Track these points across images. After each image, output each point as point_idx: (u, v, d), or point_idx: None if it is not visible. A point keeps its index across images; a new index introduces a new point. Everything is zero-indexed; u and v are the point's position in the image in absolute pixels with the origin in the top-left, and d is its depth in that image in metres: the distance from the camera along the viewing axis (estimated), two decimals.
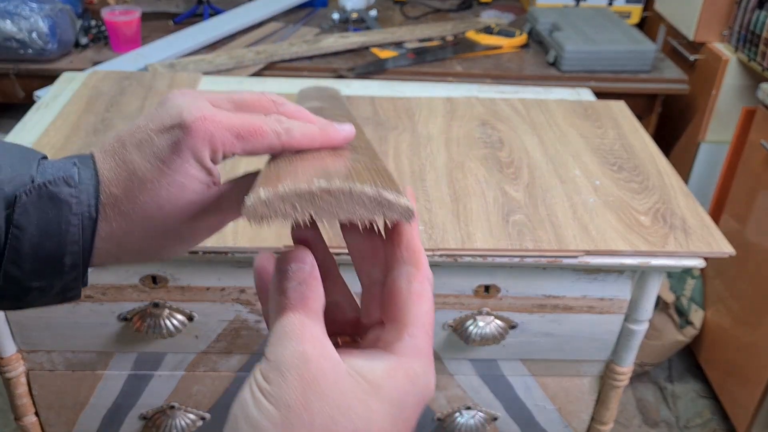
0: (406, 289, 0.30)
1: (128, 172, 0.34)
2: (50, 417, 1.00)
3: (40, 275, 0.33)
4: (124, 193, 0.34)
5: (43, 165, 0.34)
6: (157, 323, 0.88)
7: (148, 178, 0.33)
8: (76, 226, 0.33)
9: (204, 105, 0.34)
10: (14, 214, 0.32)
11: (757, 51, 1.49)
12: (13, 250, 0.32)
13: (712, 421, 1.63)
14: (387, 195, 0.29)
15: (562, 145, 1.03)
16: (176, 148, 0.33)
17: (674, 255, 0.83)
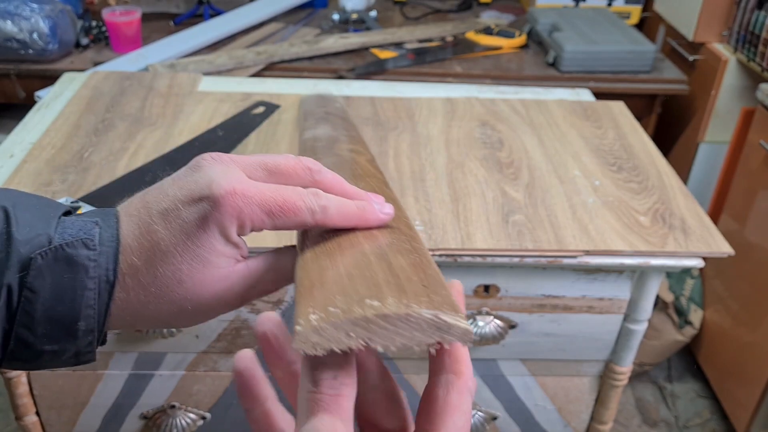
0: (443, 398, 0.29)
1: (151, 243, 0.32)
2: (51, 417, 1.00)
3: (53, 339, 0.32)
4: (144, 264, 0.32)
5: (63, 223, 0.32)
6: None
7: (171, 251, 0.32)
8: (92, 290, 0.31)
9: (235, 176, 0.32)
10: (28, 277, 0.30)
11: (756, 51, 1.49)
12: (25, 314, 0.31)
13: (712, 421, 1.64)
14: (446, 318, 0.27)
15: (561, 146, 1.03)
16: (203, 223, 0.32)
17: (673, 255, 0.83)
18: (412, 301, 0.27)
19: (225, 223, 0.32)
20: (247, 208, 0.32)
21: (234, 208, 0.32)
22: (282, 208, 0.32)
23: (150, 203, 0.33)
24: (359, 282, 0.29)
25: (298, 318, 0.27)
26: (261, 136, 1.02)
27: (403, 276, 0.30)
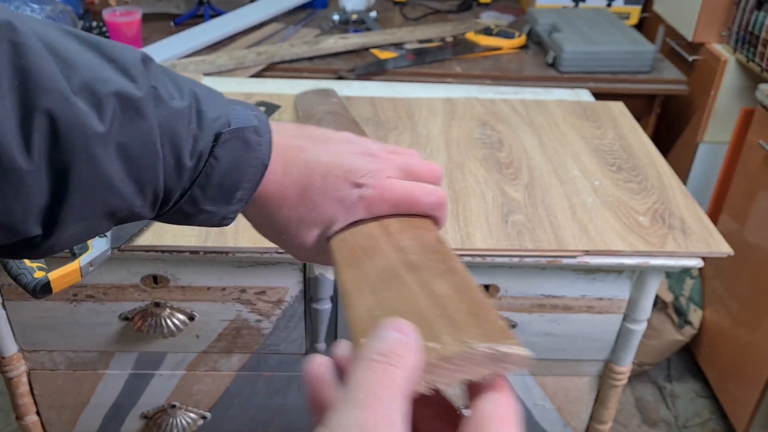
0: (490, 412, 0.27)
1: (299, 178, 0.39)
2: (51, 416, 1.00)
3: (215, 201, 0.38)
4: (289, 184, 0.39)
5: (235, 110, 0.38)
6: (158, 323, 0.88)
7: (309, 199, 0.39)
8: (255, 168, 0.38)
9: (389, 174, 0.40)
10: (216, 147, 0.36)
11: (755, 52, 1.50)
12: (205, 176, 0.37)
13: (711, 421, 1.64)
14: (503, 349, 0.27)
15: (561, 146, 1.03)
16: (348, 201, 0.39)
17: (673, 255, 0.83)
18: (466, 337, 0.27)
19: (359, 212, 0.39)
20: (381, 205, 0.39)
21: (374, 202, 0.39)
22: (407, 204, 0.40)
23: (315, 149, 0.40)
24: (411, 320, 0.28)
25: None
26: None
27: (451, 306, 0.30)
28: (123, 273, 0.86)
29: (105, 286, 0.88)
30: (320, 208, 0.39)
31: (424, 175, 0.42)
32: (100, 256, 0.76)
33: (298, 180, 0.39)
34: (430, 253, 0.36)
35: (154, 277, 0.87)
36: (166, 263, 0.86)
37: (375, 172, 0.39)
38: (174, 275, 0.87)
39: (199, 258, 0.83)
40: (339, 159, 0.39)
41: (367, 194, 0.39)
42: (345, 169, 0.39)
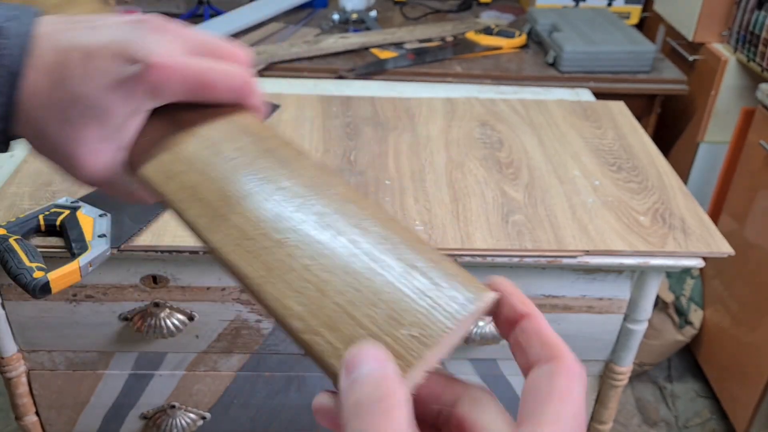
0: (547, 387, 0.25)
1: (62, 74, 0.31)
2: (51, 416, 1.00)
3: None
4: (50, 87, 0.31)
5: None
6: (157, 323, 0.88)
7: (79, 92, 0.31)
8: (2, 78, 0.31)
9: (173, 48, 0.32)
10: None
11: (756, 51, 1.49)
12: None
13: (711, 421, 1.64)
14: (478, 306, 0.27)
15: (561, 146, 1.03)
16: (124, 84, 0.31)
17: (673, 255, 0.83)
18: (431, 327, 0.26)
19: (141, 98, 0.31)
20: (168, 87, 0.31)
21: (158, 83, 0.31)
22: (201, 86, 0.32)
23: (76, 32, 0.32)
24: (356, 322, 0.27)
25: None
26: None
27: (392, 277, 0.28)
28: (122, 273, 0.86)
29: (104, 286, 0.88)
30: (88, 100, 0.31)
31: (225, 54, 0.34)
32: (99, 256, 0.76)
33: (53, 73, 0.31)
34: (299, 170, 0.32)
35: (154, 277, 0.87)
36: (165, 263, 0.85)
37: (155, 44, 0.31)
38: (174, 275, 0.87)
39: (198, 258, 0.83)
40: (105, 34, 0.31)
41: (147, 72, 0.30)
42: (115, 45, 0.31)
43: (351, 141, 1.02)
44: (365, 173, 0.94)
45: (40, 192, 0.87)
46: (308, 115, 1.08)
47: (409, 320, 0.26)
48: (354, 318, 0.26)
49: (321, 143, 1.01)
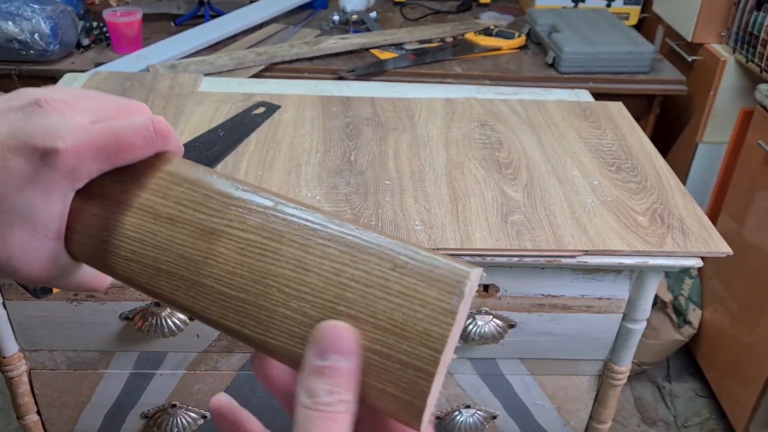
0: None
1: None
2: (52, 416, 1.00)
3: None
4: None
5: None
6: (158, 322, 0.89)
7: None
8: None
9: (75, 126, 0.30)
10: None
11: (755, 52, 1.50)
12: None
13: (710, 420, 1.64)
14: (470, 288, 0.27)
15: (560, 146, 1.03)
16: (34, 178, 0.29)
17: (672, 255, 0.83)
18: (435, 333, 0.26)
19: (59, 184, 0.29)
20: (83, 162, 0.29)
21: (71, 162, 0.29)
22: (115, 146, 0.30)
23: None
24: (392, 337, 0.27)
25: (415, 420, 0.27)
26: (261, 137, 1.02)
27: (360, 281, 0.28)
28: None
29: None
30: (5, 204, 0.29)
31: (125, 109, 0.32)
32: None
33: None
34: (248, 209, 0.31)
35: None
36: None
37: (57, 126, 0.29)
38: None
39: None
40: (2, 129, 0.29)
41: (59, 160, 0.28)
42: (15, 140, 0.29)
43: (351, 141, 1.02)
44: (365, 173, 0.94)
45: None
46: (308, 116, 1.09)
47: (413, 330, 0.27)
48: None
49: (321, 143, 1.01)
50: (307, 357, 0.27)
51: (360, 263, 0.28)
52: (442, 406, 1.01)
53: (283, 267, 0.29)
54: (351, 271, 0.28)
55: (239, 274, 0.29)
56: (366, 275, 0.28)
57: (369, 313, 0.27)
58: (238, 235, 0.30)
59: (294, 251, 0.29)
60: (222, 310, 0.30)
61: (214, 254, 0.30)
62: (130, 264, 0.31)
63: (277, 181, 0.91)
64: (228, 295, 0.29)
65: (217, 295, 0.30)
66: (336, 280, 0.28)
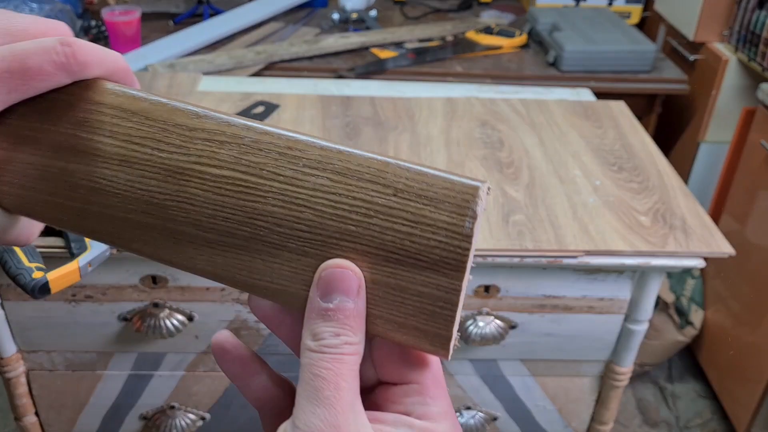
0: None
1: None
2: (50, 417, 1.00)
3: None
4: None
5: None
6: (157, 323, 0.88)
7: None
8: None
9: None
10: None
11: (757, 51, 1.49)
12: None
13: (712, 421, 1.63)
14: (481, 200, 0.25)
15: (562, 146, 1.03)
16: None
17: (674, 255, 0.83)
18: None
19: None
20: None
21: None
22: (22, 71, 0.25)
23: None
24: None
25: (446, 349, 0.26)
26: None
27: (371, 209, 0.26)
28: (122, 273, 0.86)
29: (104, 287, 0.87)
30: None
31: (36, 30, 0.27)
32: (99, 256, 0.76)
33: None
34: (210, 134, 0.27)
35: (153, 277, 0.86)
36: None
37: None
38: (173, 275, 0.86)
39: None
40: None
41: None
42: None
43: (351, 141, 1.01)
44: None
45: None
46: (308, 115, 1.08)
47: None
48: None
49: None
50: (311, 299, 0.26)
51: (357, 192, 0.26)
52: None
53: (271, 204, 0.26)
54: (349, 202, 0.26)
55: (222, 217, 0.26)
56: (366, 205, 0.25)
57: (377, 246, 0.25)
58: (211, 173, 0.26)
59: (280, 185, 0.26)
60: (210, 258, 0.27)
61: (188, 197, 0.27)
62: (87, 219, 0.28)
63: None
64: (213, 242, 0.27)
65: (200, 243, 0.27)
66: (334, 213, 0.26)
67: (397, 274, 0.25)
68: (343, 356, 0.25)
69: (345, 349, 0.25)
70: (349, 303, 0.25)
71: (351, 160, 0.26)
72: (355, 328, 0.26)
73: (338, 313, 0.25)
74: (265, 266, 0.27)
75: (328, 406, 0.24)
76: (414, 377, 0.28)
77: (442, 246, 0.25)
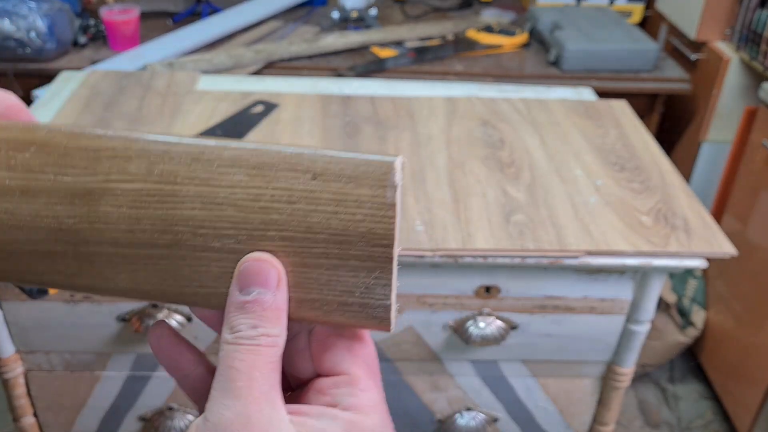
0: (348, 332, 0.28)
1: None
2: (48, 418, 0.99)
3: None
4: None
5: None
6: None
7: None
8: None
9: None
10: None
11: (758, 50, 1.48)
12: None
13: (714, 423, 1.63)
14: (397, 176, 0.26)
15: (563, 145, 1.02)
16: None
17: (676, 255, 0.82)
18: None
19: None
20: None
21: None
22: None
23: None
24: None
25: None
26: (260, 136, 1.01)
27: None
28: None
29: None
30: None
31: None
32: None
33: None
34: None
35: None
36: None
37: None
38: None
39: None
40: None
41: None
42: None
43: (350, 140, 1.01)
44: None
45: None
46: (307, 114, 1.07)
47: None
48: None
49: (320, 142, 1.00)
50: (231, 293, 0.26)
51: (276, 181, 0.26)
52: (442, 409, 1.00)
53: (189, 208, 0.26)
54: (270, 192, 0.26)
55: (141, 230, 0.26)
56: (287, 192, 0.26)
57: (304, 230, 0.26)
58: (122, 188, 0.26)
59: (197, 188, 0.26)
60: (132, 275, 0.26)
61: (100, 217, 0.26)
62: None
63: None
64: (133, 257, 0.26)
65: (120, 261, 0.26)
66: (256, 206, 0.26)
67: (330, 254, 0.26)
68: (259, 347, 0.25)
69: (262, 340, 0.25)
70: (268, 295, 0.25)
71: (266, 154, 0.26)
72: (274, 321, 0.25)
73: (256, 306, 0.25)
74: (192, 271, 0.26)
75: (239, 397, 0.24)
76: (346, 367, 0.27)
77: (368, 218, 0.25)
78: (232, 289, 0.26)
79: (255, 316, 0.25)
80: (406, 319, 0.90)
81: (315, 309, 0.26)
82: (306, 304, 0.26)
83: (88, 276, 0.27)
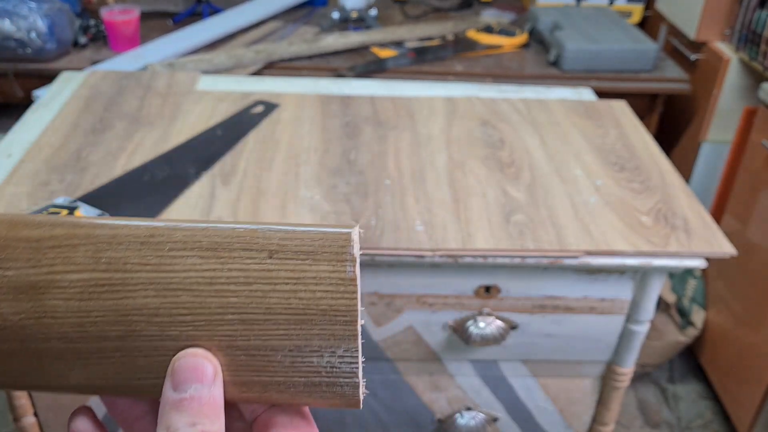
0: (290, 410, 0.27)
1: None
2: (49, 418, 0.99)
3: None
4: None
5: None
6: None
7: None
8: None
9: None
10: None
11: (758, 50, 1.48)
12: None
13: (714, 423, 1.63)
14: (355, 249, 0.25)
15: (563, 145, 1.02)
16: None
17: (676, 255, 0.82)
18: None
19: None
20: None
21: None
22: None
23: None
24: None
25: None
26: (260, 136, 1.01)
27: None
28: None
29: None
30: None
31: None
32: None
33: None
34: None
35: None
36: None
37: None
38: None
39: None
40: None
41: None
42: None
43: (350, 140, 1.01)
44: (365, 173, 0.93)
45: (38, 192, 0.87)
46: (307, 115, 1.07)
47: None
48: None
49: (320, 143, 1.00)
50: (165, 391, 0.25)
51: (231, 262, 0.25)
52: (442, 409, 1.00)
53: (142, 296, 0.25)
54: (225, 275, 0.25)
55: (90, 323, 0.25)
56: (243, 273, 0.25)
57: (264, 311, 0.25)
58: (68, 279, 0.25)
59: (149, 275, 0.25)
60: (83, 370, 0.25)
61: (47, 311, 0.25)
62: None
63: (275, 181, 0.90)
64: (85, 351, 0.25)
65: (70, 357, 0.25)
66: (212, 289, 0.25)
67: (291, 335, 0.25)
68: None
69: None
70: (204, 391, 0.25)
71: (217, 234, 0.25)
72: (212, 416, 0.25)
73: (193, 402, 0.25)
74: (148, 362, 0.25)
75: None
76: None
77: (329, 295, 0.25)
78: (165, 387, 0.25)
79: (193, 413, 0.24)
80: (406, 319, 0.90)
81: (281, 392, 0.26)
82: (272, 387, 0.25)
83: (37, 375, 0.25)
